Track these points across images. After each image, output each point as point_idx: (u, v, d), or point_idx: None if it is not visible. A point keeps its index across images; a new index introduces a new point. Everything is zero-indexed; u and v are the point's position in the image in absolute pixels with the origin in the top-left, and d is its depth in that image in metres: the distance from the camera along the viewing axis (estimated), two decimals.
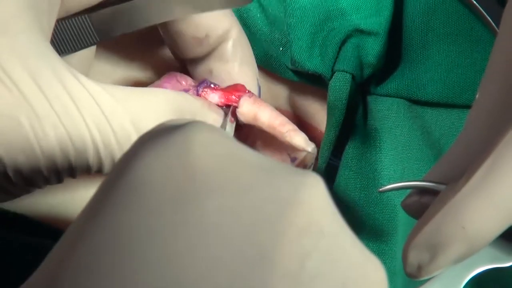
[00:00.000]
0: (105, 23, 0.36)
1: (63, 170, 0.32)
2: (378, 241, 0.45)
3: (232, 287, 0.18)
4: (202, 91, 0.41)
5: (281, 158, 0.42)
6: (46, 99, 0.30)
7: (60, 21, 0.35)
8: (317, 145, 0.47)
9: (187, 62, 0.43)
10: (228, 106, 0.41)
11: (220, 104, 0.41)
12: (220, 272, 0.18)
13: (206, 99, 0.40)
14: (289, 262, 0.19)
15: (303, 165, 0.41)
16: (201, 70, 0.43)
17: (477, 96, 0.32)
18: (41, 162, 0.30)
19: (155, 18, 0.37)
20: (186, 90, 0.41)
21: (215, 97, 0.41)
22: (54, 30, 0.34)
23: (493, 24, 0.44)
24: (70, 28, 0.35)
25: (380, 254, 0.45)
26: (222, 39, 0.42)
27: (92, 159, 0.32)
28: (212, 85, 0.41)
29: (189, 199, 0.19)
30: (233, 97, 0.41)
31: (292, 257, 0.19)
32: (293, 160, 0.41)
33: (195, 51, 0.42)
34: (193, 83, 0.42)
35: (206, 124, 0.22)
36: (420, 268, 0.30)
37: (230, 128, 0.41)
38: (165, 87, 0.40)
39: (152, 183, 0.20)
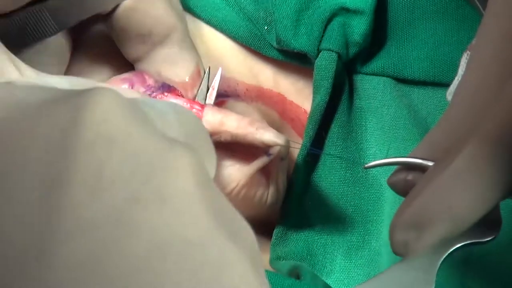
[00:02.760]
0: (61, 10, 0.36)
1: None
2: (363, 220, 0.45)
3: (25, 214, 0.19)
4: (162, 96, 0.40)
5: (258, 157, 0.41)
6: None
7: (17, 14, 0.35)
8: (300, 123, 0.47)
9: (134, 63, 0.42)
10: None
11: None
12: (11, 207, 0.19)
13: None
14: (84, 176, 0.20)
15: (279, 157, 0.41)
16: (149, 72, 0.42)
17: (459, 71, 0.32)
18: None
19: (109, 2, 0.37)
20: (149, 88, 0.40)
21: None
22: (13, 22, 0.34)
23: (477, 2, 0.43)
24: (28, 19, 0.35)
25: (365, 233, 0.45)
26: (165, 38, 0.41)
27: None
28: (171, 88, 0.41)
29: None
30: (197, 106, 0.41)
31: (86, 170, 0.20)
32: (268, 155, 0.41)
33: (139, 49, 0.41)
34: (153, 84, 0.41)
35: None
36: (406, 246, 0.30)
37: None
38: (131, 81, 0.40)
39: None
